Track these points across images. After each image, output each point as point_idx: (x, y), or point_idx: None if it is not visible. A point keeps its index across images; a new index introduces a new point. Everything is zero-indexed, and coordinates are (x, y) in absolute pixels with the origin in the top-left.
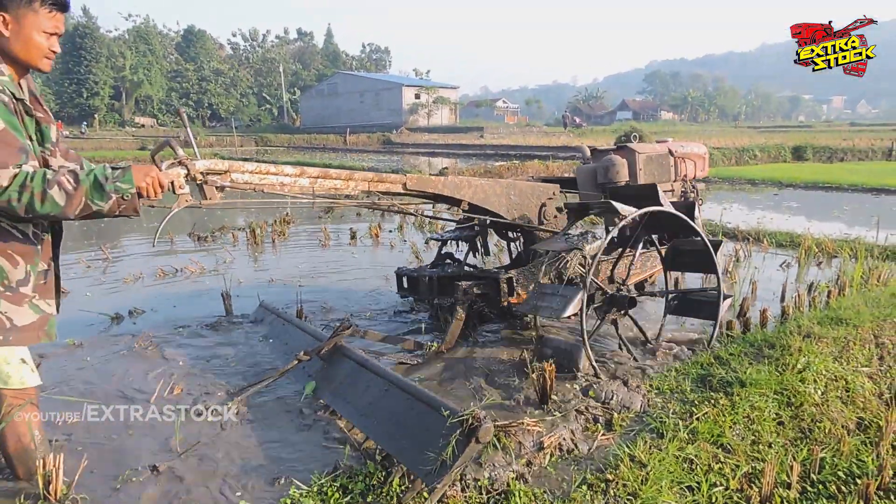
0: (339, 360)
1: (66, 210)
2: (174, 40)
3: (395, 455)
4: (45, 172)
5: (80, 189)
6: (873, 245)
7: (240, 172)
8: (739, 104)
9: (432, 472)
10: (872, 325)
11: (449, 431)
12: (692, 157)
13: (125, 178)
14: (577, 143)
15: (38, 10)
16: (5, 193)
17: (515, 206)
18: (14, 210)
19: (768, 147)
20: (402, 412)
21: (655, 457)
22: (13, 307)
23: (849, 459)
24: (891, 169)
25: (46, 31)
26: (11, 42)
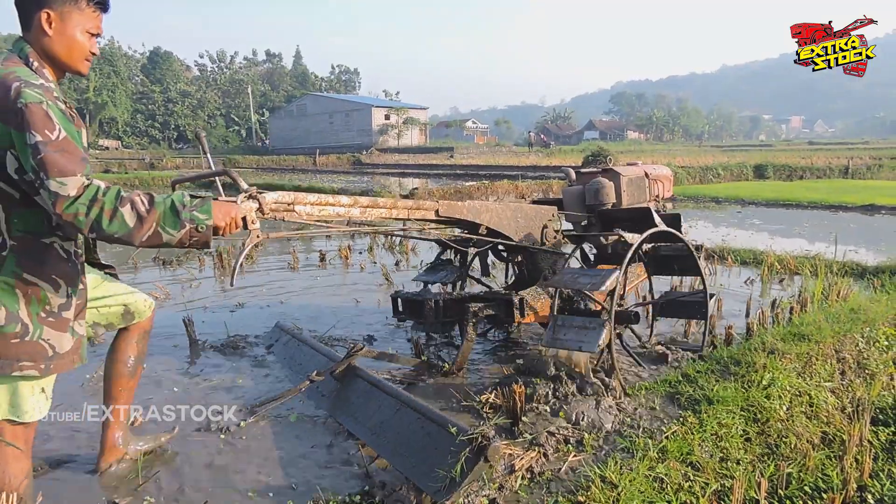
0: (353, 380)
1: (135, 234)
2: (139, 62)
3: (404, 473)
4: (119, 189)
5: (154, 213)
6: (832, 261)
7: (303, 204)
8: (703, 124)
9: (441, 489)
10: (833, 340)
11: (458, 449)
12: (661, 179)
13: (203, 209)
14: (545, 163)
15: (84, 8)
16: (73, 206)
17: (522, 229)
18: (79, 225)
19: (731, 166)
20: (413, 431)
21: (626, 477)
22: (56, 334)
23: (814, 474)
24: (848, 186)
25: (89, 31)
26: (54, 41)
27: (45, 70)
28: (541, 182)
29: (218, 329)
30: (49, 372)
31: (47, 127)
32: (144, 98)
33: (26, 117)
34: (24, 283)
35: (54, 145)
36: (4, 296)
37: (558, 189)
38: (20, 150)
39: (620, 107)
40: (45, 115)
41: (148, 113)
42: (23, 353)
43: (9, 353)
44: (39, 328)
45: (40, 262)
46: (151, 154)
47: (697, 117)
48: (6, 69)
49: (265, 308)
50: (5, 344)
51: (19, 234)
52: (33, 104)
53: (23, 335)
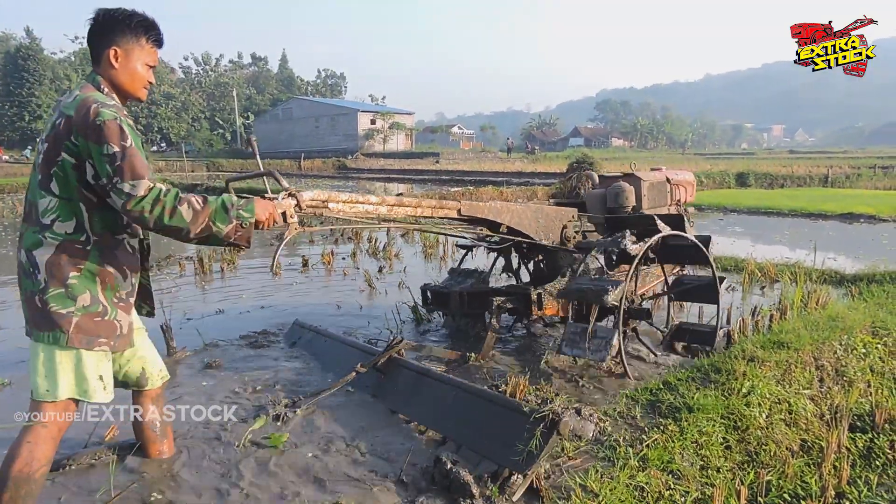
0: (396, 371)
1: (191, 227)
2: None
3: (477, 451)
4: (178, 191)
5: (207, 209)
6: (811, 269)
7: (335, 202)
8: (686, 132)
9: (520, 462)
10: (812, 347)
11: (532, 426)
12: (684, 184)
13: (247, 208)
14: (530, 169)
15: (144, 45)
16: (140, 203)
17: (542, 229)
18: (144, 221)
19: (713, 174)
20: (478, 414)
21: (607, 486)
22: (124, 315)
23: (793, 481)
24: (827, 195)
25: (147, 63)
26: (120, 73)
27: (112, 94)
28: (525, 188)
29: (193, 337)
30: (116, 349)
31: (122, 138)
32: None
33: (104, 132)
34: (104, 272)
35: (128, 152)
36: (89, 282)
37: (543, 195)
38: (97, 159)
39: (605, 114)
40: (119, 129)
41: (131, 115)
42: (102, 330)
43: (92, 330)
44: (114, 310)
45: (114, 255)
46: None
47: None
48: (84, 94)
49: (245, 314)
50: (90, 322)
51: (99, 231)
52: (109, 121)
53: (103, 314)
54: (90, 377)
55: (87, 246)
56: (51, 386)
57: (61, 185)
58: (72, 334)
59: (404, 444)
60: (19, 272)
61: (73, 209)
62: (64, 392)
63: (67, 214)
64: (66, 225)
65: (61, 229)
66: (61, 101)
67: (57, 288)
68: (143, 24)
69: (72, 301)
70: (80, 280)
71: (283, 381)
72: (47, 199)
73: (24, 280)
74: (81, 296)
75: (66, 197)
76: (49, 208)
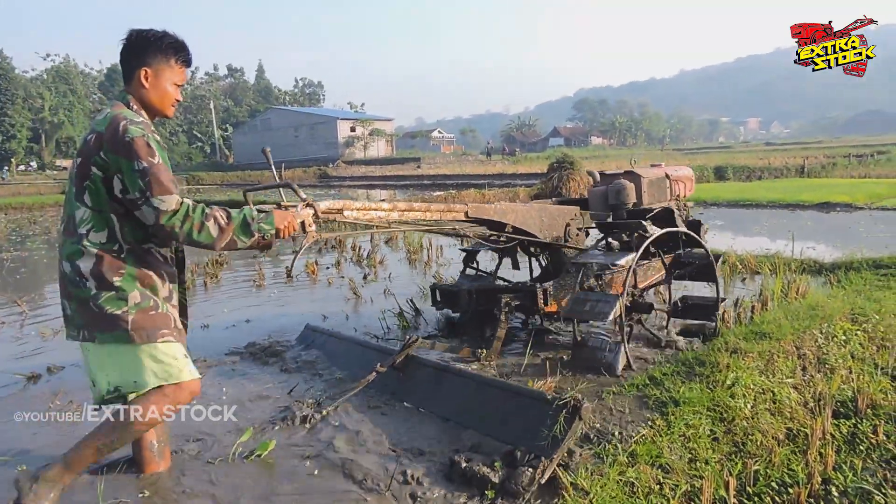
0: (415, 369)
1: (217, 242)
2: (97, 79)
3: (501, 439)
4: (205, 207)
5: (231, 226)
6: (791, 259)
7: (350, 210)
8: (664, 128)
9: (546, 446)
10: (794, 337)
11: (556, 412)
12: (683, 180)
13: (268, 221)
14: (511, 171)
15: (173, 65)
16: (171, 219)
17: (547, 227)
18: (175, 235)
19: (692, 168)
20: (500, 404)
21: (597, 483)
22: (174, 310)
23: (780, 470)
24: (804, 185)
25: (176, 83)
26: (150, 92)
27: (141, 112)
28: (507, 190)
29: None
30: (178, 340)
31: (150, 155)
32: None
33: (133, 148)
34: (142, 274)
35: (157, 168)
36: (132, 283)
37: (524, 196)
38: (127, 175)
39: (584, 113)
40: (147, 146)
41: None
42: (160, 322)
43: (150, 323)
44: (164, 304)
45: (147, 263)
46: None
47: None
48: (115, 112)
49: (230, 328)
50: (145, 317)
51: (130, 240)
52: (138, 138)
53: (156, 307)
54: (168, 361)
55: (121, 254)
56: (137, 379)
57: (93, 198)
58: (132, 332)
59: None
60: (64, 282)
61: (105, 220)
62: (151, 381)
63: (100, 225)
64: (100, 235)
65: (96, 238)
66: (94, 119)
67: (108, 291)
68: (173, 45)
69: (124, 301)
70: (125, 281)
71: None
72: (82, 210)
73: (72, 289)
74: (131, 294)
75: (98, 208)
76: (84, 219)
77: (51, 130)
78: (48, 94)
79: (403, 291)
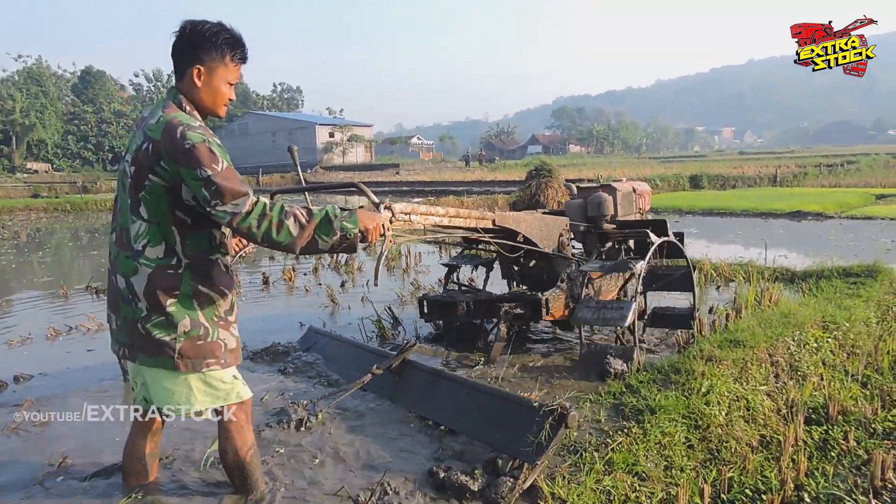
0: (410, 373)
1: (297, 241)
2: (70, 81)
3: (490, 444)
4: (283, 204)
5: (312, 223)
6: (764, 267)
7: (416, 214)
8: (640, 137)
9: (531, 453)
10: (767, 344)
11: (542, 419)
12: (644, 194)
13: (351, 220)
14: (490, 178)
15: (228, 63)
16: (247, 220)
17: (545, 237)
18: (253, 236)
19: (668, 177)
20: (490, 410)
21: (574, 491)
22: (226, 334)
23: (754, 476)
24: (776, 194)
25: (230, 81)
26: (202, 91)
27: (194, 112)
28: (486, 197)
29: None
30: (227, 365)
31: (214, 161)
32: (76, 119)
33: (195, 156)
34: (199, 293)
35: (222, 175)
36: (187, 306)
37: (503, 203)
38: (191, 183)
39: (562, 121)
40: (209, 151)
41: (80, 134)
42: (207, 351)
43: (197, 353)
44: (216, 330)
45: (209, 276)
46: (84, 177)
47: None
48: (169, 115)
49: None
50: (193, 345)
51: (192, 254)
52: (199, 143)
53: (205, 337)
54: (216, 385)
55: (178, 269)
56: (186, 404)
57: (150, 210)
58: (177, 360)
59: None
60: (116, 296)
61: (162, 233)
62: (203, 404)
63: (157, 239)
64: (157, 249)
65: (153, 254)
66: (144, 121)
67: (158, 316)
68: (228, 41)
69: (173, 328)
70: (178, 306)
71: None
72: (138, 224)
73: (123, 306)
74: (181, 322)
75: (155, 221)
76: (140, 233)
77: (22, 132)
78: (19, 95)
79: (381, 299)
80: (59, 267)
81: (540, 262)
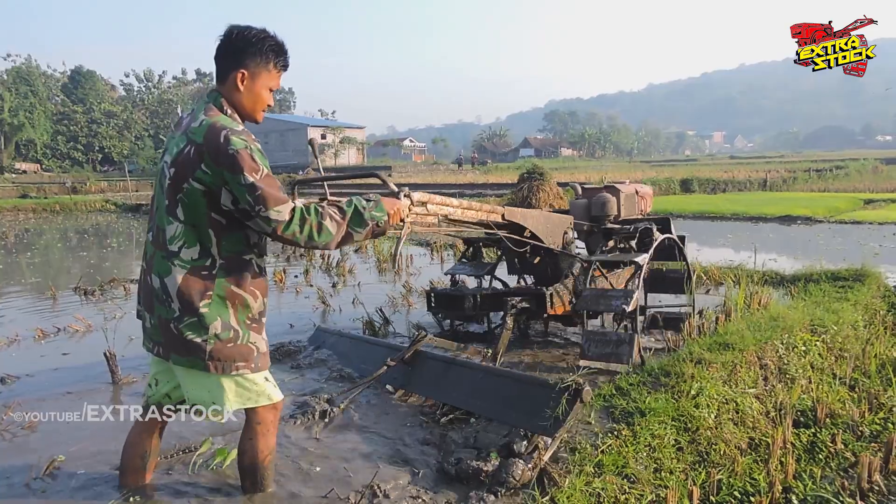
0: (423, 362)
1: (335, 239)
2: (60, 81)
3: (511, 423)
4: (316, 206)
5: (346, 218)
6: (753, 271)
7: (432, 203)
8: (632, 140)
9: (549, 427)
10: (756, 347)
11: (558, 395)
12: (646, 196)
13: (378, 209)
14: (482, 181)
15: (271, 70)
16: (290, 227)
17: (551, 233)
18: (296, 242)
19: (659, 180)
20: (506, 392)
21: (564, 494)
22: (258, 336)
23: (743, 479)
24: (766, 199)
25: (272, 87)
26: (244, 96)
27: (235, 116)
28: (479, 200)
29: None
30: (258, 370)
31: (255, 168)
32: (66, 119)
33: (238, 162)
34: (233, 295)
35: (264, 181)
36: (219, 308)
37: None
38: (235, 189)
39: (554, 124)
40: (251, 158)
41: (70, 134)
42: (237, 354)
43: (228, 355)
44: (247, 333)
45: (242, 276)
46: (73, 177)
47: (627, 134)
48: (211, 119)
49: None
50: (223, 348)
51: (227, 254)
52: (242, 150)
53: (235, 339)
54: (247, 387)
55: (212, 270)
56: (217, 403)
57: (187, 212)
58: (208, 362)
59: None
60: (150, 295)
61: (198, 235)
62: (233, 405)
63: (192, 240)
64: (192, 251)
65: (188, 255)
66: (185, 123)
67: (190, 317)
68: (273, 48)
69: (204, 330)
70: (211, 307)
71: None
72: (174, 226)
73: (157, 306)
74: (213, 324)
75: (191, 223)
76: (175, 235)
77: (10, 132)
78: (8, 94)
79: (373, 300)
80: (47, 268)
81: (545, 259)
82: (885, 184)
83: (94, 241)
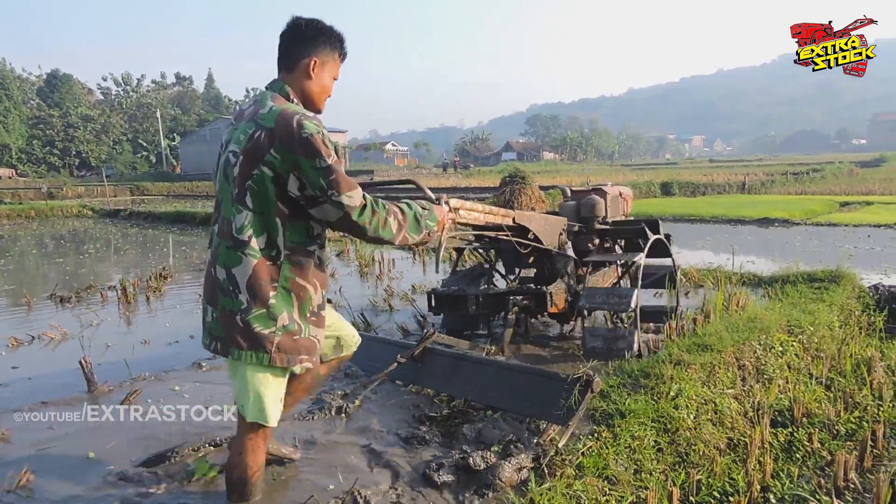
0: (432, 358)
1: (395, 237)
2: (35, 84)
3: (525, 414)
4: (382, 202)
5: (406, 222)
6: (732, 273)
7: (463, 209)
8: (613, 144)
9: (562, 416)
10: (734, 349)
11: (570, 387)
12: (627, 198)
13: (432, 217)
14: (465, 184)
15: (337, 59)
16: (363, 214)
17: (549, 235)
18: (363, 231)
19: (640, 183)
20: (517, 384)
21: (545, 497)
22: (318, 330)
23: (721, 479)
24: (745, 201)
25: (335, 77)
26: (313, 84)
27: (300, 104)
28: None
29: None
30: (318, 364)
31: (327, 152)
32: (41, 123)
33: (313, 145)
34: (296, 287)
35: (337, 166)
36: (285, 300)
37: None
38: (309, 173)
39: (536, 128)
40: (324, 142)
41: (46, 139)
42: (302, 347)
43: (292, 349)
44: (308, 326)
45: (305, 268)
46: (50, 182)
47: (608, 138)
48: (280, 106)
49: (174, 344)
50: (290, 340)
51: (291, 245)
52: (315, 134)
53: (299, 332)
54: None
55: (278, 261)
56: (260, 410)
57: (256, 200)
58: (274, 354)
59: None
60: (214, 287)
61: (265, 224)
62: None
63: (260, 229)
64: (260, 240)
65: (256, 245)
66: (249, 112)
67: (259, 308)
68: (339, 38)
69: (273, 321)
70: (279, 299)
71: None
72: (243, 214)
73: (221, 298)
74: (281, 315)
75: (259, 211)
76: (245, 224)
77: None
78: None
79: (354, 304)
80: (22, 275)
81: (542, 259)
82: (860, 186)
83: (70, 247)
